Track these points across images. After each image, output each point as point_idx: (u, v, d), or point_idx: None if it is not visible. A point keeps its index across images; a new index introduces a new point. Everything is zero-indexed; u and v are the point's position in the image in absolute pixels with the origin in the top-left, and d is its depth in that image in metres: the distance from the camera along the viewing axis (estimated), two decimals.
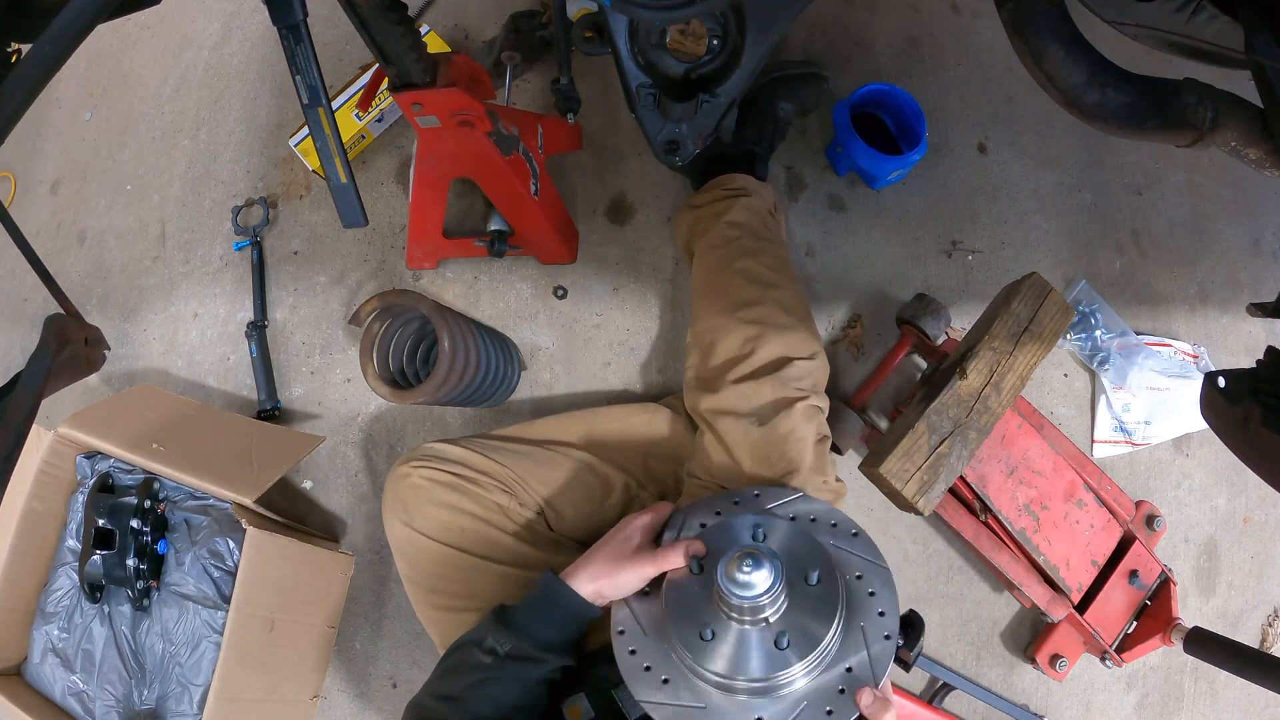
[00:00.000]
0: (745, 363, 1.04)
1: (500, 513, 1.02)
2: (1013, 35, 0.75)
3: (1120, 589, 1.27)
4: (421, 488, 1.00)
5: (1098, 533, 1.27)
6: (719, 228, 1.19)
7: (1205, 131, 0.75)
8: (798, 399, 1.02)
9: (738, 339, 1.05)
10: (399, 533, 1.00)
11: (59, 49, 0.56)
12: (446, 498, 1.00)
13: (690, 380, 1.12)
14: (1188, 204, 1.57)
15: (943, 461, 1.05)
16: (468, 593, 0.98)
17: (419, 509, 0.99)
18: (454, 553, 0.98)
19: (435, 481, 1.00)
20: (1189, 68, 0.84)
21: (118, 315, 1.63)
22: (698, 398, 1.08)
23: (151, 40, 1.80)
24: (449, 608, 0.98)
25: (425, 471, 1.01)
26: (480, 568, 0.98)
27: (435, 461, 1.02)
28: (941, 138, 1.53)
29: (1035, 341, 1.11)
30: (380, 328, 1.22)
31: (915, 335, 1.33)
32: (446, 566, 0.98)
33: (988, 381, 1.09)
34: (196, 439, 1.34)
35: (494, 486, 1.03)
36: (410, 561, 1.00)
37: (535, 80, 1.57)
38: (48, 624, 1.26)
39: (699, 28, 1.17)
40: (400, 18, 0.88)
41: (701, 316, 1.13)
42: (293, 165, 1.60)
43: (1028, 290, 1.13)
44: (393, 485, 1.03)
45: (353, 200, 0.91)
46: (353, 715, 1.41)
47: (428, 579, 0.99)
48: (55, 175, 1.78)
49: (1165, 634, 1.26)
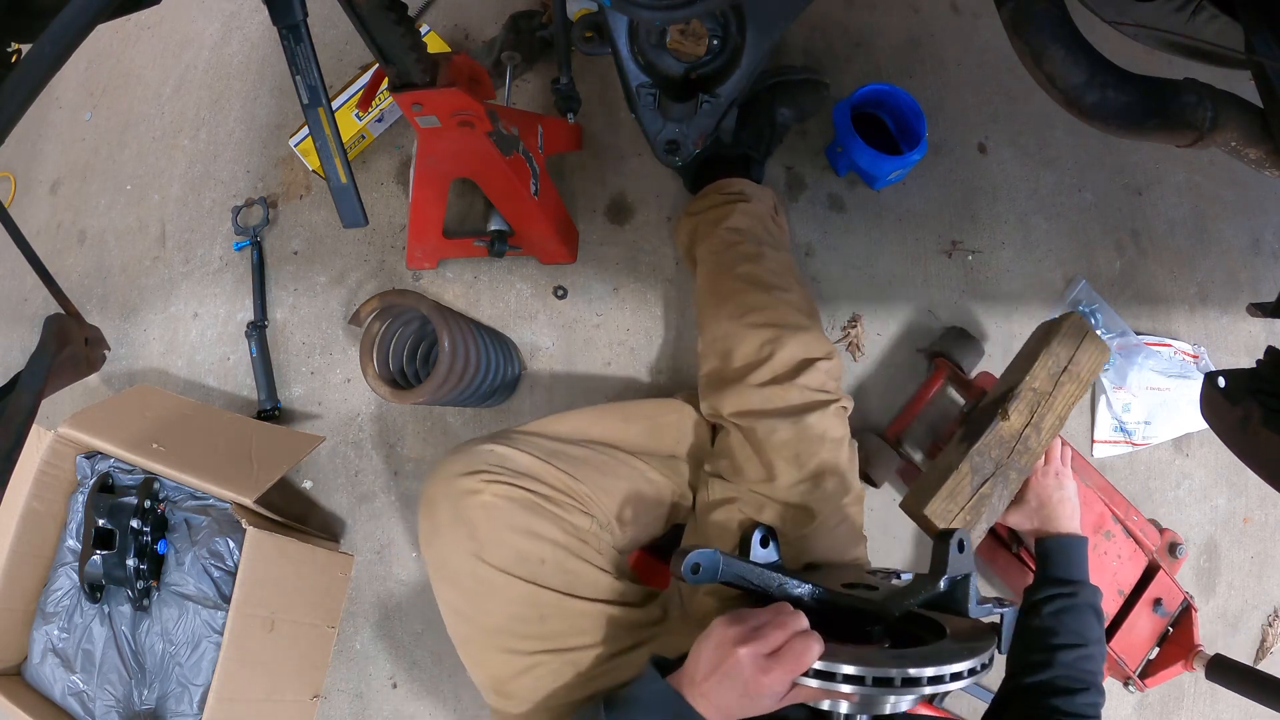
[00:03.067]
0: (766, 366, 1.01)
1: (580, 537, 0.89)
2: (1013, 35, 0.75)
3: (1145, 617, 1.29)
4: (496, 509, 0.83)
5: (1124, 563, 1.29)
6: (719, 233, 1.19)
7: (1205, 132, 0.75)
8: (829, 401, 1.00)
9: (754, 343, 1.03)
10: (461, 564, 0.83)
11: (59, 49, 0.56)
12: (525, 522, 0.84)
13: (709, 383, 1.08)
14: (1188, 204, 1.57)
15: (985, 502, 1.05)
16: (543, 634, 0.84)
17: (493, 536, 0.82)
18: (531, 589, 0.83)
19: (512, 500, 0.84)
20: (1189, 68, 0.84)
21: (118, 315, 1.63)
22: (720, 400, 1.04)
23: (151, 40, 1.80)
24: (518, 651, 0.84)
25: (500, 488, 0.84)
26: (560, 606, 0.84)
27: (506, 475, 0.86)
28: (941, 138, 1.53)
29: (1073, 382, 1.12)
30: (380, 328, 1.22)
31: (949, 368, 1.35)
32: (521, 605, 0.83)
33: (1028, 422, 1.09)
34: (196, 439, 1.34)
35: (573, 506, 0.90)
36: (472, 597, 0.84)
37: (535, 80, 1.57)
38: (48, 624, 1.26)
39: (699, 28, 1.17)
40: (400, 18, 0.88)
41: (711, 324, 1.11)
42: (293, 165, 1.60)
43: (1067, 330, 1.14)
44: (453, 502, 0.84)
45: (353, 200, 0.90)
46: (353, 715, 1.41)
47: (494, 619, 0.84)
48: (55, 175, 1.78)
49: (1187, 660, 1.27)
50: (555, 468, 0.90)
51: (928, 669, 0.64)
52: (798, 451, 0.97)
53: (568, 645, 0.84)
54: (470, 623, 0.85)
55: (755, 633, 0.65)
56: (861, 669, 0.64)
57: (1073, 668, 0.87)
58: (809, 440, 0.97)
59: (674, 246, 1.45)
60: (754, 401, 1.00)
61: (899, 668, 0.64)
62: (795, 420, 0.97)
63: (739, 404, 1.01)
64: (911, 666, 0.64)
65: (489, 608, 0.84)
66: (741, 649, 0.64)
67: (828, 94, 1.42)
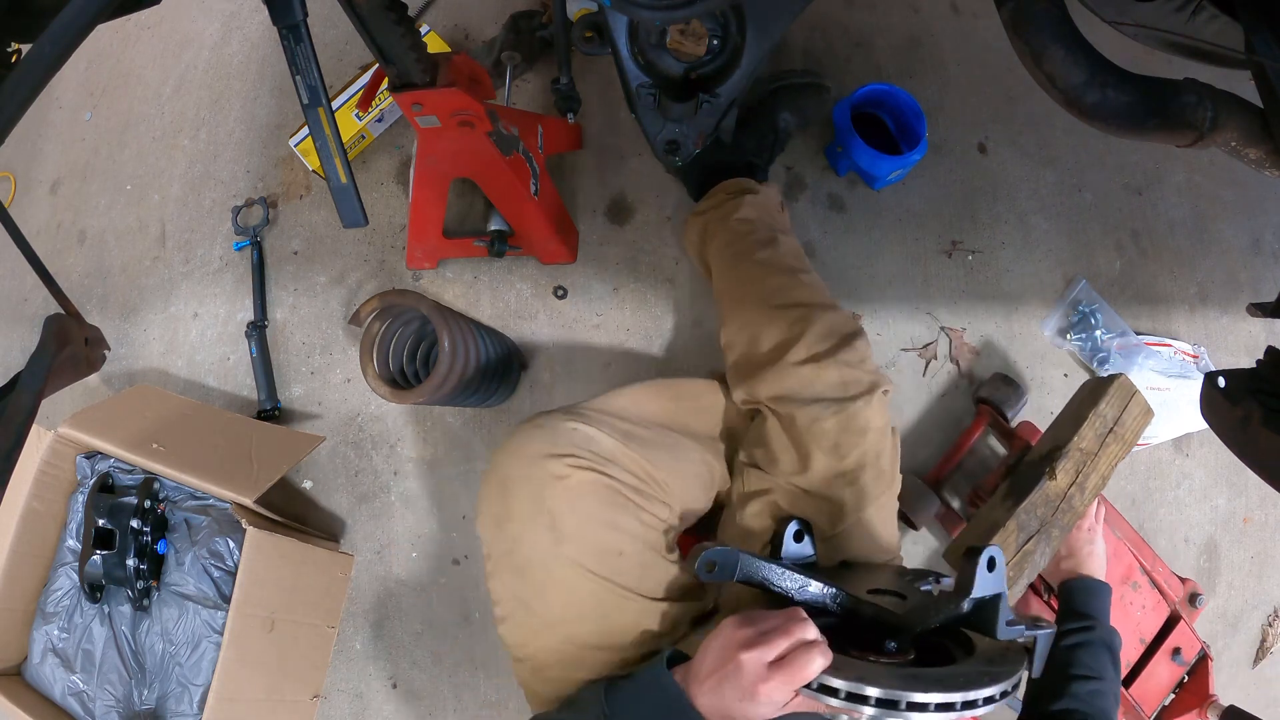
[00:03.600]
0: (801, 344, 0.96)
1: (656, 529, 0.85)
2: (1013, 35, 0.75)
3: (1163, 665, 1.30)
4: (582, 498, 0.78)
5: (1148, 613, 1.30)
6: (730, 225, 1.17)
7: (1205, 132, 0.75)
8: (872, 384, 0.95)
9: (783, 324, 0.98)
10: (534, 553, 0.78)
11: (59, 49, 0.55)
12: (610, 515, 0.80)
13: (740, 370, 1.02)
14: (1188, 204, 1.57)
15: (1028, 559, 1.06)
16: (601, 630, 0.80)
17: (576, 528, 0.78)
18: (602, 585, 0.79)
19: (598, 490, 0.79)
20: (1189, 68, 0.84)
21: (118, 315, 1.63)
22: (756, 385, 0.98)
23: (151, 40, 1.80)
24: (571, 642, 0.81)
25: (587, 476, 0.79)
26: (624, 604, 0.80)
27: (593, 460, 0.80)
28: (941, 138, 1.53)
29: (1118, 443, 1.14)
30: (380, 328, 1.22)
31: (991, 415, 1.35)
32: (588, 602, 0.79)
33: (1074, 481, 1.11)
34: (196, 439, 1.34)
35: (653, 496, 0.85)
36: (538, 588, 0.79)
37: (535, 80, 1.57)
38: (48, 624, 1.26)
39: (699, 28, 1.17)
40: (400, 18, 0.88)
41: (734, 313, 1.07)
42: (293, 165, 1.60)
43: (1115, 392, 1.15)
44: (536, 486, 0.79)
45: (353, 200, 0.90)
46: (353, 715, 1.41)
47: (555, 611, 0.80)
48: (55, 175, 1.78)
49: (1202, 710, 1.29)
50: (634, 452, 0.85)
51: (935, 694, 0.60)
52: (837, 442, 0.92)
53: (621, 643, 0.81)
54: (527, 609, 0.81)
55: (761, 638, 0.63)
56: (864, 688, 0.61)
57: (1086, 701, 0.87)
58: (851, 431, 0.92)
59: (680, 248, 1.44)
60: (793, 383, 0.95)
61: (906, 690, 0.60)
62: (839, 409, 0.92)
63: (777, 387, 0.96)
64: (919, 691, 0.60)
65: (553, 600, 0.79)
66: (744, 653, 0.63)
67: (829, 97, 1.42)
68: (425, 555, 1.43)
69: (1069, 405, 1.21)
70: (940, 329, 1.46)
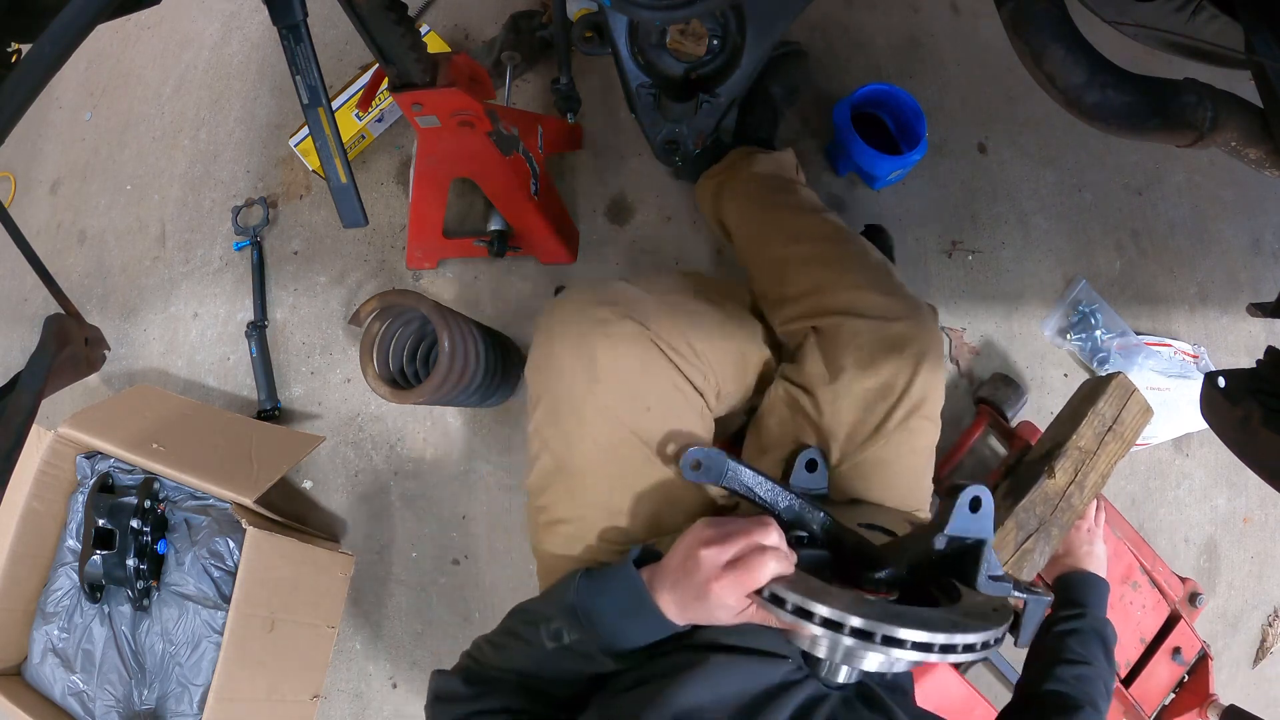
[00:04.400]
0: (833, 271, 0.95)
1: (693, 400, 0.85)
2: (1013, 35, 0.75)
3: (1163, 665, 1.31)
4: (623, 343, 0.79)
5: (1148, 612, 1.31)
6: (745, 179, 1.18)
7: (1205, 132, 0.75)
8: (913, 306, 0.92)
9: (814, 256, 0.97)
10: (569, 393, 0.79)
11: (59, 49, 0.56)
12: (646, 363, 0.81)
13: (774, 304, 0.99)
14: (1188, 204, 1.57)
15: (1027, 557, 1.07)
16: (612, 491, 0.81)
17: (611, 368, 0.79)
18: (628, 436, 0.80)
19: (638, 339, 0.80)
20: (1189, 68, 0.84)
21: (118, 315, 1.63)
22: (790, 309, 0.96)
23: (151, 40, 1.80)
24: (585, 501, 0.82)
25: (631, 325, 0.80)
26: (643, 466, 0.81)
27: (639, 313, 0.82)
28: (941, 138, 1.53)
29: (1117, 441, 1.15)
30: (380, 328, 1.22)
31: (991, 415, 1.35)
32: (610, 456, 0.80)
33: (1073, 480, 1.12)
34: (196, 439, 1.34)
35: (691, 362, 0.84)
36: (567, 432, 0.80)
37: (535, 80, 1.57)
38: (48, 624, 1.26)
39: (699, 28, 1.17)
40: (400, 18, 0.89)
41: (760, 257, 1.05)
42: (293, 165, 1.60)
43: (1113, 391, 1.16)
44: (581, 330, 0.81)
45: (353, 200, 0.90)
46: (353, 715, 1.41)
47: (579, 459, 0.81)
48: (55, 175, 1.78)
49: (1202, 709, 1.30)
50: (675, 318, 0.85)
51: (884, 627, 0.57)
52: (871, 355, 0.88)
53: (631, 513, 0.81)
54: (554, 457, 0.82)
55: (722, 537, 0.63)
56: (811, 604, 0.58)
57: (1072, 685, 0.87)
58: (885, 347, 0.88)
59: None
60: (829, 304, 0.93)
61: (850, 613, 0.57)
62: (878, 327, 0.90)
63: (815, 305, 0.94)
64: (868, 619, 0.57)
65: (578, 445, 0.80)
66: (703, 550, 0.63)
67: (809, 62, 1.41)
68: (425, 555, 1.43)
69: (1068, 404, 1.22)
70: (940, 329, 1.46)
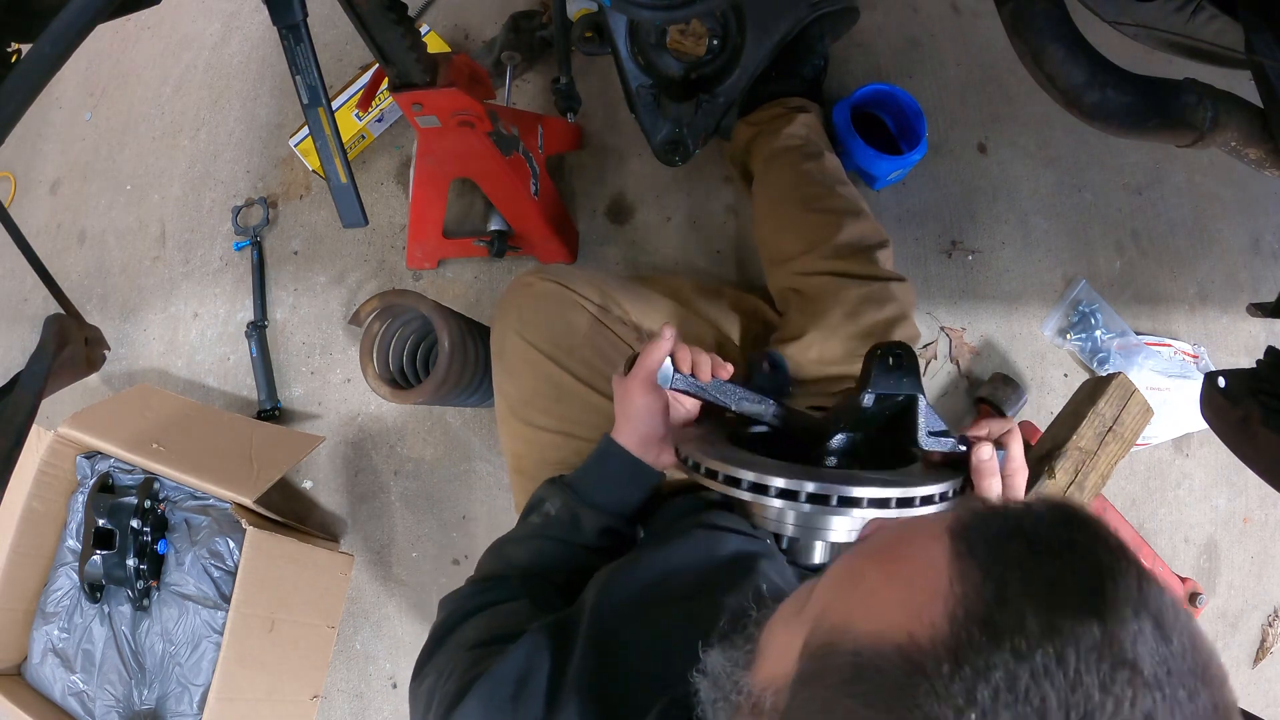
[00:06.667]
0: (829, 243, 1.07)
1: (611, 341, 0.96)
2: (1013, 35, 0.75)
3: None
4: (542, 298, 0.93)
5: None
6: (781, 136, 1.23)
7: (1205, 131, 0.75)
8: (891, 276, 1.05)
9: (816, 224, 1.08)
10: (505, 341, 0.93)
11: (59, 49, 0.56)
12: (563, 312, 0.93)
13: (772, 260, 1.15)
14: (1188, 204, 1.57)
15: None
16: (558, 413, 0.92)
17: (533, 316, 0.92)
18: (556, 370, 0.91)
19: (557, 296, 0.93)
20: (1189, 68, 0.84)
21: (118, 315, 1.63)
22: (790, 265, 1.10)
23: (151, 40, 1.80)
24: (534, 424, 0.93)
25: (551, 285, 0.94)
26: (578, 393, 0.91)
27: (563, 279, 0.95)
28: (941, 138, 1.53)
29: (1117, 441, 1.15)
30: (380, 328, 1.22)
31: (991, 415, 1.36)
32: (545, 383, 0.92)
33: (1073, 480, 1.12)
34: (196, 439, 1.34)
35: (617, 318, 0.97)
36: (509, 371, 0.94)
37: (535, 80, 1.57)
38: (48, 624, 1.26)
39: (699, 28, 1.17)
40: (400, 18, 0.89)
41: (770, 215, 1.17)
42: (293, 165, 1.60)
43: (1114, 391, 1.16)
44: (513, 293, 0.95)
45: (353, 200, 0.90)
46: (353, 715, 1.41)
47: (520, 391, 0.93)
48: (55, 175, 1.78)
49: None
50: (610, 290, 0.98)
51: (813, 483, 0.56)
52: (855, 309, 1.02)
53: (576, 432, 0.90)
54: (504, 396, 0.94)
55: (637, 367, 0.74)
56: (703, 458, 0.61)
57: None
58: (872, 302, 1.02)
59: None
60: (820, 266, 1.06)
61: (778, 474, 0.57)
62: (862, 284, 1.03)
63: (807, 265, 1.07)
64: (790, 476, 0.56)
65: (520, 381, 0.92)
66: (616, 380, 0.76)
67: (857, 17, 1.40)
68: (425, 555, 1.43)
69: (1068, 405, 1.22)
70: (940, 329, 1.46)
